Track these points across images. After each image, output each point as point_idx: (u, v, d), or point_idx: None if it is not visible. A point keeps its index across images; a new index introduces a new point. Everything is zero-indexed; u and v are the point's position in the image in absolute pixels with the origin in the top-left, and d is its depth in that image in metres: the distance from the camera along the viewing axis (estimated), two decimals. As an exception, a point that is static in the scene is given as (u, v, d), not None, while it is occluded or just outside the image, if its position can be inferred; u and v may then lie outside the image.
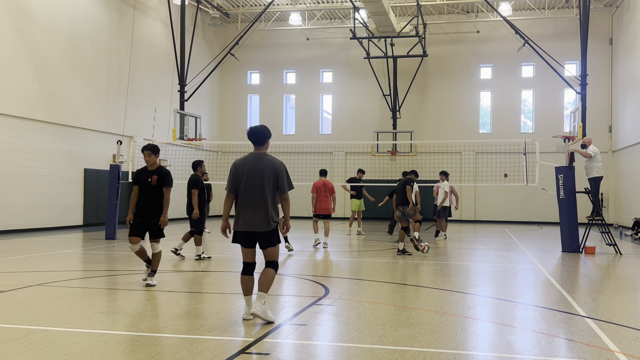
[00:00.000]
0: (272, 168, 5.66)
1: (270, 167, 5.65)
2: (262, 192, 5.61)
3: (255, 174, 5.64)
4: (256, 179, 5.62)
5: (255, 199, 5.61)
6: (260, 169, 5.64)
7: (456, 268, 10.30)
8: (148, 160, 7.86)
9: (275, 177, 5.66)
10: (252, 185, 5.63)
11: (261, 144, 5.84)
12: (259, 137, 5.83)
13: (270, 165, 5.66)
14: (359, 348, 4.87)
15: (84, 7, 19.70)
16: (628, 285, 8.64)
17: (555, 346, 5.06)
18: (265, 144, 5.85)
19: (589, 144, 13.99)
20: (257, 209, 5.61)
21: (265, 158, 5.71)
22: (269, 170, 5.64)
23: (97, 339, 5.06)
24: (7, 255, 11.44)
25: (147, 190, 7.83)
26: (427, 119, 27.77)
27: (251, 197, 5.63)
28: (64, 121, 18.60)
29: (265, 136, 5.86)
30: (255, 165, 5.67)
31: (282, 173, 5.68)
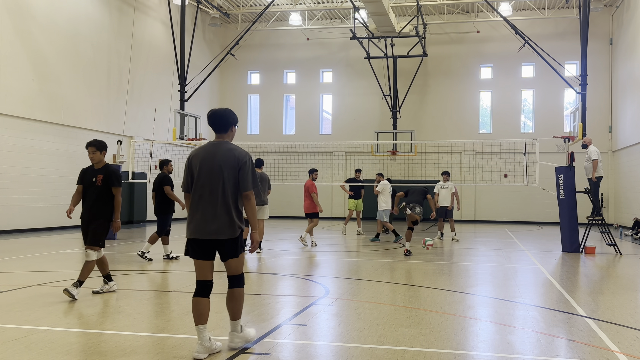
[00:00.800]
0: (233, 159, 4.56)
1: (230, 157, 4.56)
2: (220, 189, 4.54)
3: (212, 166, 4.56)
4: (212, 174, 4.55)
5: (212, 199, 4.54)
6: (218, 161, 4.56)
7: (456, 268, 10.30)
8: (93, 158, 7.07)
9: (237, 170, 4.57)
10: (208, 181, 4.56)
11: (223, 131, 4.72)
12: (221, 121, 4.71)
13: (231, 155, 4.57)
14: (359, 348, 4.87)
15: (84, 7, 19.70)
16: (628, 285, 8.64)
17: (555, 346, 5.07)
18: (229, 131, 4.74)
19: (590, 143, 13.99)
20: (214, 211, 4.53)
21: (225, 147, 4.62)
22: (229, 162, 4.56)
23: (97, 339, 5.06)
24: (7, 255, 11.44)
25: (91, 191, 7.01)
26: (427, 119, 27.77)
27: (207, 196, 4.56)
28: (64, 121, 18.60)
29: (229, 121, 4.73)
30: (213, 156, 4.59)
31: (246, 165, 4.59)
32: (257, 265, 10.63)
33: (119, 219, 7.09)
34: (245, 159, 4.61)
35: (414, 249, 12.77)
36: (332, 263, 11.12)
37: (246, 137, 29.56)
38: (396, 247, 14.02)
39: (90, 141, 7.14)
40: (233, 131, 4.77)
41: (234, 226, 4.57)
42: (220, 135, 4.74)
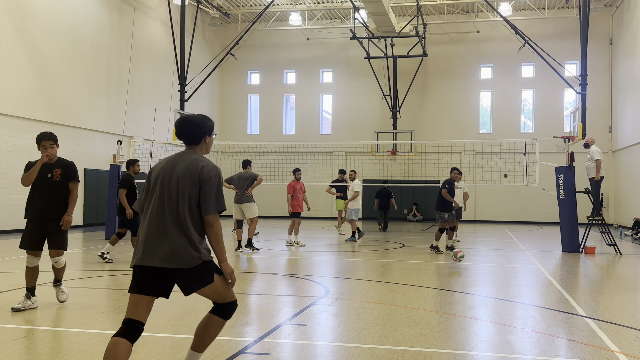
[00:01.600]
0: (195, 172, 3.61)
1: (192, 169, 3.62)
2: (173, 205, 3.58)
3: (169, 178, 3.64)
4: (168, 186, 3.62)
5: (162, 217, 3.58)
6: (177, 172, 3.64)
7: (456, 268, 10.30)
8: (51, 153, 6.33)
9: (198, 187, 3.60)
10: (160, 195, 3.63)
11: (194, 142, 3.80)
12: (190, 131, 3.79)
13: (194, 167, 3.63)
14: (359, 348, 4.87)
15: (84, 8, 19.70)
16: (628, 285, 8.64)
17: (555, 346, 5.07)
18: (201, 143, 3.82)
19: (592, 143, 13.99)
20: (162, 233, 3.55)
21: (190, 157, 3.71)
22: (190, 175, 3.61)
23: (97, 339, 5.06)
24: (7, 255, 11.44)
25: (48, 188, 6.28)
26: (427, 119, 27.76)
27: (156, 213, 3.61)
28: (64, 121, 18.59)
29: (201, 130, 3.79)
30: (173, 166, 3.68)
31: (210, 182, 3.61)
32: (257, 265, 10.63)
33: (72, 214, 6.41)
34: (211, 174, 3.62)
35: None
36: (332, 263, 11.12)
37: (246, 137, 29.56)
38: (395, 247, 14.02)
39: (47, 134, 6.36)
40: (207, 142, 3.83)
41: (191, 253, 3.53)
42: (190, 147, 3.80)
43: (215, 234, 3.65)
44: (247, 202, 12.31)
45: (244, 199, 12.29)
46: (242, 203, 12.32)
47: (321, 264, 10.94)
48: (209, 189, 3.60)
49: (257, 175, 12.53)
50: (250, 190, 12.30)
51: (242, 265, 10.60)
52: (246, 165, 12.67)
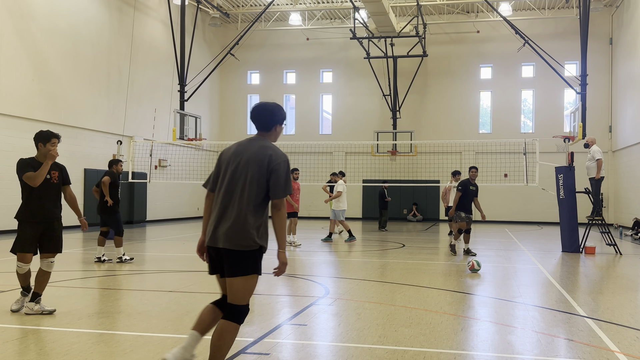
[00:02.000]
0: (264, 158, 3.74)
1: (261, 156, 3.75)
2: (239, 190, 3.72)
3: (238, 162, 3.78)
4: (235, 171, 3.76)
5: (226, 200, 3.74)
6: (246, 157, 3.77)
7: (456, 268, 10.30)
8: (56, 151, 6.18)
9: (268, 173, 3.72)
10: (229, 179, 3.78)
11: (265, 129, 3.95)
12: (264, 117, 3.94)
13: (263, 153, 3.76)
14: (359, 348, 4.86)
15: (84, 8, 19.69)
16: (628, 285, 8.64)
17: (555, 346, 5.07)
18: (272, 130, 3.96)
19: (592, 143, 13.99)
20: (224, 215, 3.71)
21: (259, 144, 3.84)
22: (259, 161, 3.74)
23: (97, 339, 5.06)
24: (7, 255, 11.44)
25: (48, 190, 6.16)
26: (427, 119, 27.76)
27: (222, 196, 3.77)
28: (64, 121, 18.59)
29: (275, 118, 3.95)
30: (243, 151, 3.83)
31: (280, 168, 3.73)
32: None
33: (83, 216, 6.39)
34: (279, 161, 3.73)
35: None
36: (332, 263, 11.12)
37: (246, 137, 29.13)
38: (395, 247, 14.02)
39: (53, 132, 6.23)
40: (277, 131, 3.97)
41: (245, 236, 3.64)
42: (261, 133, 3.95)
43: (280, 218, 3.76)
44: None
45: None
46: None
47: (321, 264, 10.94)
48: (279, 174, 3.72)
49: None
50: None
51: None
52: None
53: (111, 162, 10.91)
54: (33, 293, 6.07)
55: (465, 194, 11.98)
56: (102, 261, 10.33)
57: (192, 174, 25.49)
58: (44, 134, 6.22)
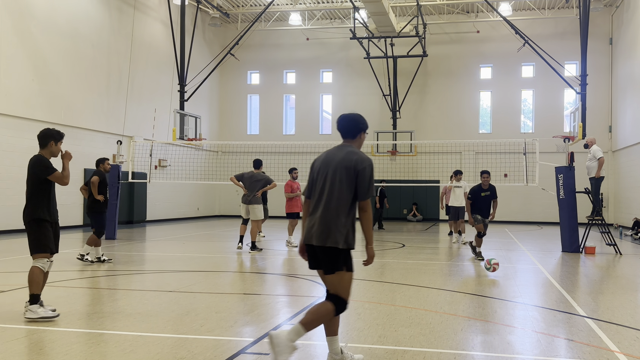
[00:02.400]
0: (350, 163, 4.16)
1: (348, 161, 4.18)
2: (329, 193, 4.17)
3: (328, 168, 4.24)
4: (326, 176, 4.22)
5: (319, 203, 4.21)
6: (335, 163, 4.22)
7: (456, 268, 10.30)
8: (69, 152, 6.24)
9: (354, 176, 4.15)
10: (321, 184, 4.25)
11: (351, 136, 4.39)
12: (349, 126, 4.40)
13: (349, 159, 4.19)
14: (359, 348, 4.86)
15: (83, 7, 19.70)
16: (628, 285, 8.64)
17: (555, 346, 5.07)
18: (357, 137, 4.39)
19: (592, 143, 13.98)
20: (318, 215, 4.18)
21: (346, 150, 4.29)
22: (346, 165, 4.16)
23: (97, 339, 5.06)
24: (7, 255, 11.44)
25: (53, 189, 6.13)
26: (427, 119, 27.76)
27: (317, 199, 4.25)
28: (64, 121, 18.58)
29: (359, 127, 4.39)
30: (332, 158, 4.28)
31: (365, 172, 4.14)
32: (257, 265, 10.63)
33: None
34: (364, 165, 4.14)
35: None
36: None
37: (246, 137, 29.56)
38: (395, 247, 14.02)
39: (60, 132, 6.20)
40: (362, 138, 4.40)
41: (336, 236, 4.05)
42: (347, 140, 4.39)
43: (367, 217, 4.15)
44: (255, 204, 12.17)
45: (252, 201, 12.18)
46: (250, 204, 12.21)
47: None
48: (364, 178, 4.14)
49: (272, 180, 12.45)
50: (260, 192, 12.23)
51: (242, 265, 10.61)
52: (258, 165, 12.48)
53: (98, 160, 10.78)
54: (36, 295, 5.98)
55: (475, 202, 11.31)
56: (102, 261, 10.28)
57: (192, 174, 25.50)
58: (54, 132, 6.16)
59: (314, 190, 4.30)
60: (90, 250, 10.21)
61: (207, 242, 15.25)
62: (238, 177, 12.37)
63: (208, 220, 26.69)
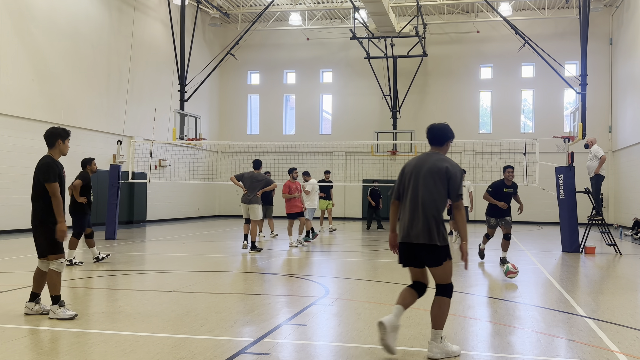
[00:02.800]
0: (443, 169, 4.66)
1: (440, 167, 4.67)
2: (423, 196, 4.67)
3: (420, 174, 4.73)
4: (419, 181, 4.72)
5: (415, 205, 4.70)
6: (427, 169, 4.72)
7: (456, 268, 10.29)
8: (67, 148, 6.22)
9: (446, 180, 4.65)
10: (414, 188, 4.73)
11: (439, 144, 4.90)
12: (438, 135, 4.91)
13: (441, 165, 4.69)
14: (359, 348, 4.86)
15: (84, 7, 19.69)
16: (628, 285, 8.64)
17: (555, 346, 5.07)
18: (444, 145, 4.90)
19: (592, 143, 13.98)
20: (414, 217, 4.67)
21: (436, 157, 4.79)
22: (438, 172, 4.67)
23: (97, 339, 5.06)
24: (7, 255, 11.44)
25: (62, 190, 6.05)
26: (427, 119, 27.70)
27: (411, 202, 4.73)
28: (64, 121, 18.57)
29: (447, 135, 4.90)
30: (423, 164, 4.78)
31: (456, 177, 4.66)
32: (257, 265, 10.63)
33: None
34: (455, 171, 4.67)
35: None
36: (332, 263, 11.12)
37: (246, 137, 29.55)
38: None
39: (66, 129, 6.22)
40: (448, 145, 4.91)
41: (432, 232, 4.59)
42: (435, 147, 4.91)
43: (461, 215, 4.73)
44: (255, 204, 12.23)
45: (252, 200, 12.22)
46: (251, 204, 12.24)
47: (321, 264, 10.94)
48: (455, 182, 4.65)
49: (273, 182, 12.48)
50: (260, 192, 12.27)
51: (242, 265, 10.61)
52: (258, 166, 12.53)
53: (85, 161, 10.52)
54: (32, 293, 6.04)
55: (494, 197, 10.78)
56: (101, 259, 10.23)
57: (192, 174, 25.50)
58: (60, 130, 6.14)
59: (405, 193, 4.80)
60: (75, 254, 9.95)
61: (207, 242, 15.26)
62: (238, 177, 12.41)
63: (208, 220, 26.69)
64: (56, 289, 5.86)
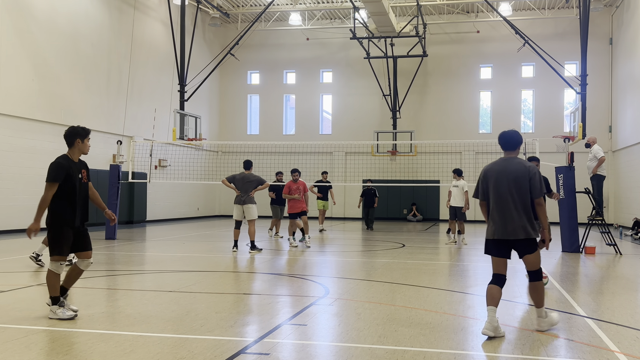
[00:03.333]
0: (524, 171, 5.40)
1: (522, 170, 5.41)
2: (514, 197, 5.38)
3: (507, 178, 5.43)
4: (508, 184, 5.40)
5: (508, 205, 5.38)
6: (511, 173, 5.42)
7: (456, 268, 10.30)
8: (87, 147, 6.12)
9: (528, 180, 5.38)
10: (505, 191, 5.41)
11: (512, 149, 5.63)
12: (510, 141, 5.63)
13: (522, 168, 5.43)
14: (359, 348, 4.87)
15: (83, 7, 19.69)
16: (628, 285, 8.64)
17: (555, 346, 5.06)
18: (516, 149, 5.64)
19: (593, 143, 13.98)
20: (510, 216, 5.37)
21: (515, 161, 5.54)
22: (521, 174, 5.41)
23: (97, 339, 5.06)
24: (7, 255, 11.44)
25: (80, 189, 5.97)
26: (427, 119, 27.76)
27: (504, 203, 5.41)
28: (64, 121, 18.57)
29: (519, 141, 5.64)
30: (505, 169, 5.48)
31: (536, 176, 5.39)
32: (257, 265, 10.63)
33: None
34: (535, 171, 5.41)
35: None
36: (332, 263, 11.12)
37: (246, 137, 29.55)
38: (395, 247, 14.03)
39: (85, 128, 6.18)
40: (519, 149, 5.68)
41: (527, 227, 5.34)
42: (509, 152, 5.63)
43: (543, 210, 5.46)
44: (249, 204, 12.28)
45: (247, 201, 12.26)
46: (245, 204, 12.28)
47: (321, 264, 10.94)
48: (536, 180, 5.39)
49: (265, 181, 12.51)
50: (253, 192, 12.30)
51: (242, 265, 10.61)
52: (249, 166, 12.59)
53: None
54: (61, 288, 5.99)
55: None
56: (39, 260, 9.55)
57: (192, 174, 25.50)
58: (79, 129, 6.08)
59: (492, 194, 5.51)
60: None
61: (207, 242, 15.26)
62: (229, 179, 12.50)
63: (208, 220, 26.69)
64: (55, 289, 5.85)
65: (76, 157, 6.06)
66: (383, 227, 21.55)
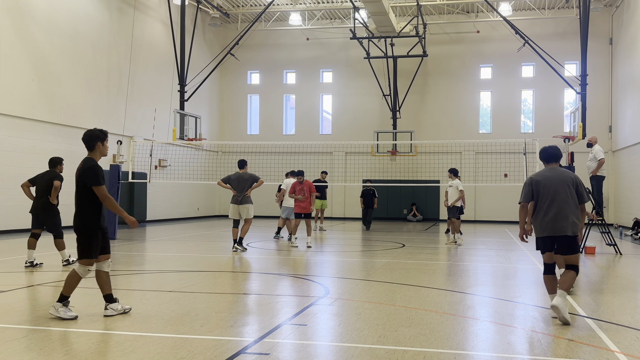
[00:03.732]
0: (571, 179, 6.25)
1: (568, 178, 6.24)
2: (562, 201, 6.13)
3: (557, 185, 6.20)
4: (558, 190, 6.17)
5: (558, 207, 6.14)
6: (560, 181, 6.21)
7: (456, 268, 10.30)
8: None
9: (575, 186, 6.21)
10: (555, 196, 6.17)
11: (555, 160, 6.51)
12: (552, 154, 6.50)
13: (568, 176, 6.27)
14: (359, 348, 4.87)
15: (83, 7, 19.69)
16: (628, 285, 8.64)
17: (555, 346, 5.07)
18: (559, 160, 6.57)
19: (595, 142, 13.98)
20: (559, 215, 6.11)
21: (561, 170, 6.35)
22: (569, 182, 6.22)
23: (97, 339, 5.06)
24: (7, 255, 11.44)
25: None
26: (427, 119, 27.76)
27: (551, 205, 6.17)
28: (64, 121, 18.59)
29: (559, 154, 6.56)
30: (554, 176, 6.28)
31: (581, 183, 6.26)
32: (257, 265, 10.63)
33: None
34: (579, 180, 6.30)
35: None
36: (332, 263, 11.12)
37: (246, 137, 29.55)
38: (395, 247, 14.03)
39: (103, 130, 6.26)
40: (560, 160, 6.57)
41: (575, 227, 6.12)
42: (552, 163, 6.48)
43: (584, 214, 6.36)
44: (246, 204, 12.34)
45: (244, 200, 12.30)
46: (242, 204, 12.31)
47: (321, 264, 10.94)
48: (581, 187, 6.26)
49: (259, 178, 12.52)
50: (249, 191, 12.32)
51: (242, 265, 10.61)
52: (243, 165, 12.63)
53: (55, 161, 10.23)
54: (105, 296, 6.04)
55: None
56: (34, 265, 9.52)
57: (192, 174, 25.50)
58: (98, 132, 6.15)
59: (540, 198, 6.24)
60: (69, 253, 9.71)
61: (207, 242, 15.26)
62: (225, 179, 12.53)
63: (208, 220, 26.70)
64: (70, 290, 5.89)
65: (97, 159, 6.18)
66: (383, 227, 21.56)
